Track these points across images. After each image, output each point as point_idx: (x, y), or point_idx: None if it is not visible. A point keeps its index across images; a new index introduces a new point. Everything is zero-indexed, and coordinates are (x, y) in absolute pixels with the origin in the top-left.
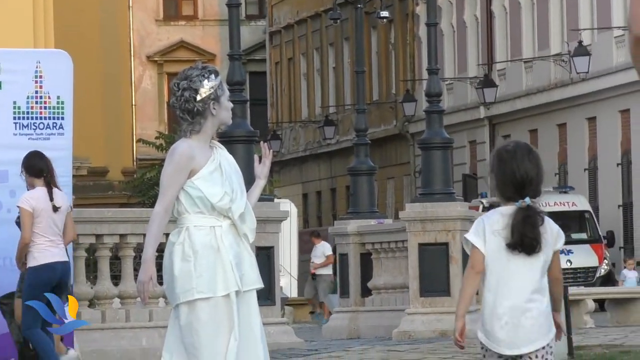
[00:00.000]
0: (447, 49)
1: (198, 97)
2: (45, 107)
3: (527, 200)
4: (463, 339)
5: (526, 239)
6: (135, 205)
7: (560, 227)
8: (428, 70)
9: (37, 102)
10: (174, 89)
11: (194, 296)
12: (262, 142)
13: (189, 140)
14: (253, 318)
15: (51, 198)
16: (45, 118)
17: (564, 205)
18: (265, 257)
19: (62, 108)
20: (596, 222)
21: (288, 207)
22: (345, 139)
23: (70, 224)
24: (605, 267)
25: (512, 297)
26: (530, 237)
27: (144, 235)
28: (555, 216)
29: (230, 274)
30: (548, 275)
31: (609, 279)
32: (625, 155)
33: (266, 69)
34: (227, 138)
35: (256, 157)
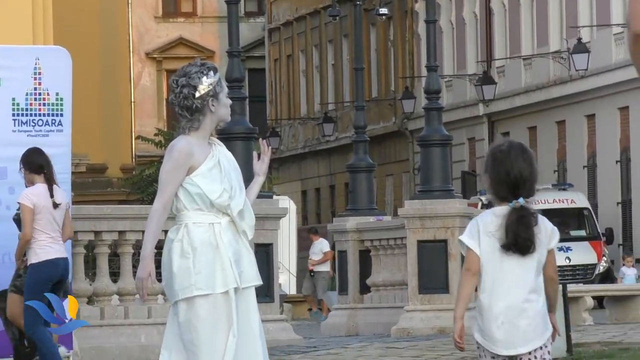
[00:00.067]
0: (446, 46)
1: (197, 94)
2: (44, 104)
3: (521, 200)
4: (463, 340)
5: (520, 239)
6: (134, 202)
7: (559, 224)
8: (427, 67)
9: (36, 99)
10: (173, 86)
11: (192, 293)
12: (260, 139)
13: (188, 137)
14: (252, 315)
15: (51, 194)
16: (44, 115)
17: (563, 202)
18: (264, 254)
19: (61, 105)
20: (595, 220)
21: (287, 204)
22: (344, 136)
23: (68, 221)
24: (604, 264)
25: (508, 297)
26: (524, 237)
27: (143, 232)
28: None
29: (229, 270)
30: (543, 274)
31: (607, 276)
32: (624, 152)
33: (265, 66)
34: (226, 135)
35: (255, 154)
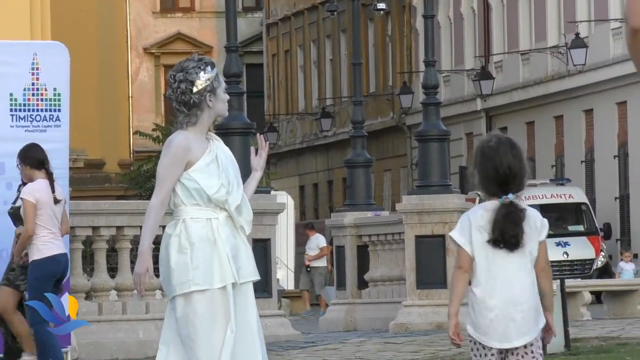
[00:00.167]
0: (444, 41)
1: (194, 89)
2: (42, 99)
3: (510, 196)
4: (460, 337)
5: (507, 235)
6: (132, 198)
7: (557, 219)
8: (425, 62)
9: (33, 94)
10: (170, 81)
11: (190, 288)
12: (258, 134)
13: (186, 132)
14: (250, 310)
15: (53, 190)
16: (42, 110)
17: (561, 197)
18: (262, 249)
19: (59, 100)
20: (593, 215)
21: (285, 199)
22: (342, 131)
23: (64, 216)
24: (602, 259)
25: (501, 291)
26: (510, 234)
27: (141, 227)
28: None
29: (226, 266)
30: (535, 267)
31: (605, 271)
32: (622, 147)
33: (263, 61)
34: (223, 130)
35: (252, 149)
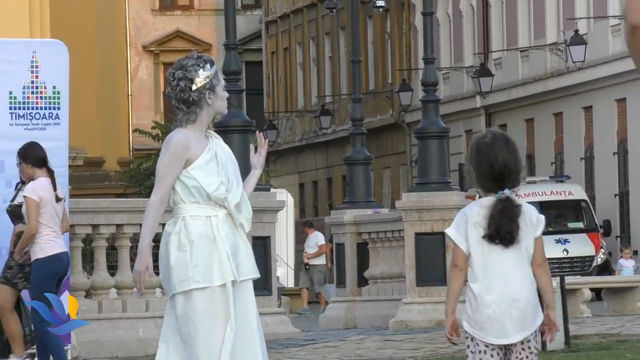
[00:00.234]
0: (443, 38)
1: (193, 87)
2: (41, 97)
3: (507, 191)
4: (458, 334)
5: (502, 231)
6: (131, 196)
7: (557, 216)
8: (424, 59)
9: (33, 92)
10: (170, 79)
11: (190, 286)
12: (258, 132)
13: (185, 130)
14: (249, 308)
15: (54, 188)
16: (41, 108)
17: (561, 194)
18: (262, 247)
19: (58, 98)
20: (593, 211)
21: (284, 196)
22: (341, 128)
23: (64, 214)
24: (602, 256)
25: (498, 287)
26: (506, 230)
27: (141, 225)
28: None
29: (226, 263)
30: (532, 263)
31: (605, 268)
32: (621, 144)
33: (262, 59)
34: (223, 128)
35: (252, 146)
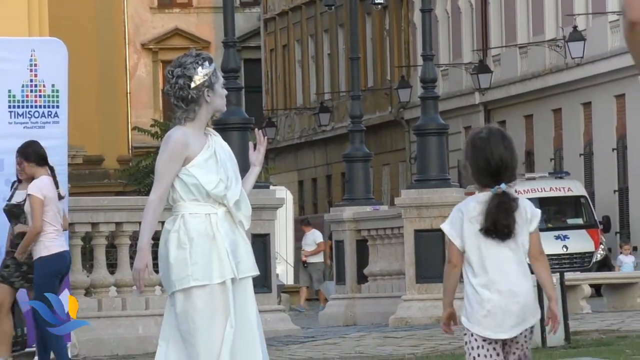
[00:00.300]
0: (442, 35)
1: (192, 85)
2: (40, 96)
3: (503, 186)
4: (456, 322)
5: (499, 225)
6: (131, 193)
7: (556, 212)
8: (423, 56)
9: (32, 91)
10: (168, 77)
11: (189, 284)
12: (256, 129)
13: (184, 128)
14: (249, 305)
15: (56, 186)
16: (40, 106)
17: (560, 190)
18: (261, 244)
19: (57, 96)
20: (592, 207)
21: (284, 194)
22: (340, 125)
23: (64, 212)
24: (602, 252)
25: (498, 282)
26: (503, 223)
27: (140, 223)
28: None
29: (225, 261)
30: (529, 257)
31: (605, 264)
32: (620, 140)
33: (261, 56)
34: (222, 125)
35: (251, 144)
